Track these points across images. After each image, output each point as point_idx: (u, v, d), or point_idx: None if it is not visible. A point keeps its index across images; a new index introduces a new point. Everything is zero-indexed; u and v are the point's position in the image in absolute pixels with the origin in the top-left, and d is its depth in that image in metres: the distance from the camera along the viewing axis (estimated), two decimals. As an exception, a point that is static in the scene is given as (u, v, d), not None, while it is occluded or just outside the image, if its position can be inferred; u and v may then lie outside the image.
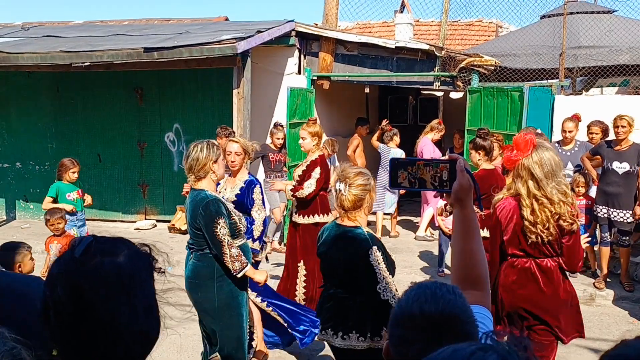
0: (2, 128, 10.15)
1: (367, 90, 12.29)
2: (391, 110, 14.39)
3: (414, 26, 11.69)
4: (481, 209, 3.32)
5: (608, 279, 6.53)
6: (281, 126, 7.97)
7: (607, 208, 6.32)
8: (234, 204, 4.54)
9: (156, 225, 9.68)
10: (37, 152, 10.05)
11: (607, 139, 6.57)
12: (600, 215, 6.37)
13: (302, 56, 9.03)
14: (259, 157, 7.89)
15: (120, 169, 9.69)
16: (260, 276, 3.94)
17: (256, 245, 4.77)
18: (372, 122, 12.53)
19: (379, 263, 3.04)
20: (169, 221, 9.31)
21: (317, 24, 9.97)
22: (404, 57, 8.85)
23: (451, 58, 8.67)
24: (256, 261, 4.70)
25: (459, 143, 9.09)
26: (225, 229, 3.65)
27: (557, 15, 9.87)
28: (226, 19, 10.84)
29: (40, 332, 1.10)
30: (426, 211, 8.83)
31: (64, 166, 6.47)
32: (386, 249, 3.18)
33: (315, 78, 9.02)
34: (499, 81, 8.66)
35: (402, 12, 11.50)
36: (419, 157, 8.45)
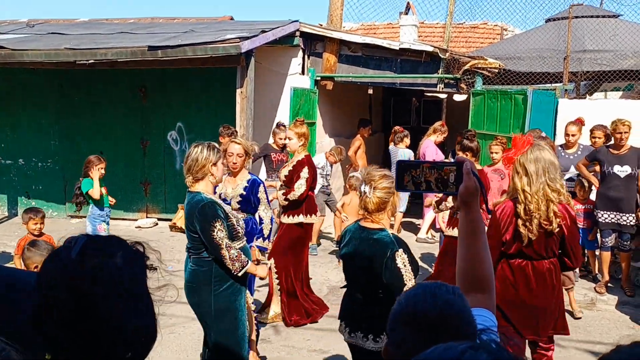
0: (6, 125, 10.16)
1: (370, 92, 12.31)
2: (394, 112, 14.38)
3: (418, 28, 11.67)
4: (489, 211, 3.33)
5: (609, 284, 6.51)
6: (284, 126, 7.96)
7: (610, 212, 6.31)
8: (239, 204, 4.54)
9: (157, 224, 9.68)
10: (40, 149, 10.07)
11: (609, 143, 6.57)
12: (601, 220, 6.35)
13: (306, 56, 9.03)
14: (260, 157, 7.89)
15: (123, 167, 9.69)
16: (262, 271, 3.94)
17: (266, 244, 4.80)
18: (375, 123, 12.54)
19: (404, 265, 3.05)
20: (170, 220, 9.31)
21: (321, 25, 9.97)
22: (408, 59, 8.84)
23: (455, 60, 8.66)
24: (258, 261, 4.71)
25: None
26: (223, 231, 3.60)
27: (562, 19, 9.85)
28: (231, 19, 10.84)
29: (31, 335, 1.09)
30: (428, 213, 8.81)
31: (91, 163, 6.46)
32: (411, 251, 3.18)
33: (319, 78, 9.01)
34: (502, 84, 8.64)
35: (407, 13, 11.48)
36: (421, 159, 8.45)
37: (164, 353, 4.73)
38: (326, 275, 7.15)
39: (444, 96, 12.32)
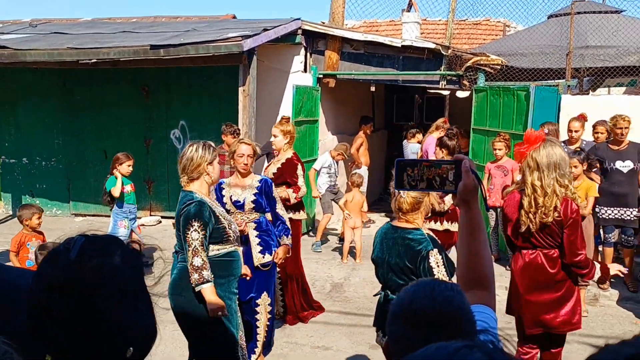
0: (10, 124, 10.20)
1: (373, 89, 12.28)
2: (397, 109, 14.37)
3: (420, 25, 11.66)
4: (487, 209, 3.37)
5: (612, 280, 6.51)
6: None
7: (613, 208, 6.32)
8: (253, 204, 4.41)
9: (161, 222, 9.72)
10: (44, 148, 10.11)
11: (609, 139, 6.57)
12: (604, 217, 6.35)
13: (309, 54, 9.03)
14: (264, 155, 7.90)
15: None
16: (214, 301, 3.41)
17: (290, 241, 4.70)
18: (378, 120, 12.53)
19: (438, 265, 3.05)
20: (173, 217, 9.31)
21: (323, 22, 9.96)
22: (410, 56, 8.83)
23: (457, 57, 8.66)
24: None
25: (464, 143, 9.07)
26: (199, 233, 3.42)
27: (565, 15, 9.83)
28: (233, 17, 10.86)
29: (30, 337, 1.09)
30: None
31: (119, 160, 6.60)
32: (446, 252, 3.17)
33: (321, 76, 9.02)
34: (505, 80, 8.63)
35: (409, 10, 11.47)
36: (424, 156, 8.45)
37: (166, 350, 4.75)
38: (329, 272, 7.16)
39: (446, 93, 12.30)
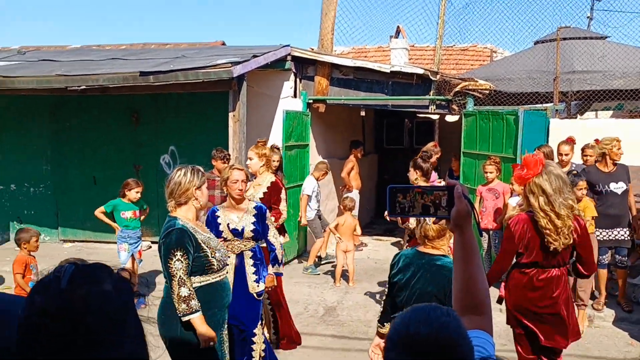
0: (-2, 151, 10.13)
1: (362, 114, 12.36)
2: (387, 133, 14.44)
3: (409, 51, 11.81)
4: (481, 234, 3.38)
5: (606, 300, 6.50)
6: (277, 149, 7.96)
7: (607, 230, 6.33)
8: (252, 232, 4.34)
9: (151, 247, 9.62)
10: (32, 175, 10.03)
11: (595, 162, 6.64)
12: (600, 239, 6.36)
13: (298, 80, 9.08)
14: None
15: (116, 191, 9.64)
16: (205, 332, 3.35)
17: (282, 269, 4.71)
18: (369, 144, 12.58)
19: None
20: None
21: (312, 49, 10.04)
22: (399, 81, 8.90)
23: (446, 82, 8.74)
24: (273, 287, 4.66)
25: (455, 166, 9.11)
26: (182, 262, 3.32)
27: (551, 41, 9.99)
28: (223, 44, 10.91)
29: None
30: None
31: (128, 185, 6.81)
32: None
33: (311, 101, 9.06)
34: (494, 105, 8.71)
35: (397, 37, 11.63)
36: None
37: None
38: (322, 296, 7.10)
39: (436, 117, 12.40)
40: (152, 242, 9.65)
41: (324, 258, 8.65)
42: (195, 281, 3.44)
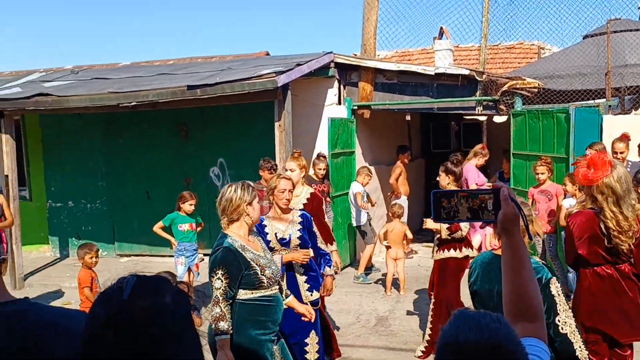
0: (55, 169, 10.50)
1: (408, 118, 12.27)
2: (433, 137, 14.29)
3: (453, 52, 11.64)
4: (530, 237, 3.31)
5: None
6: (324, 157, 7.99)
7: None
8: (299, 240, 4.36)
9: (203, 259, 9.76)
10: (89, 191, 10.35)
11: None
12: None
13: (342, 86, 9.09)
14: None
15: (167, 205, 9.86)
16: (222, 356, 3.29)
17: (332, 272, 4.74)
18: (415, 149, 12.47)
19: (559, 294, 2.99)
20: (215, 255, 9.38)
21: (355, 54, 10.04)
22: (444, 83, 8.80)
23: (492, 82, 8.58)
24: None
25: (506, 167, 8.94)
26: (222, 282, 3.35)
27: (600, 35, 9.70)
28: (267, 54, 11.04)
29: None
30: (474, 238, 8.64)
31: (183, 198, 6.95)
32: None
33: (356, 108, 9.05)
34: (543, 103, 8.50)
35: (440, 38, 11.47)
36: (462, 183, 8.33)
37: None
38: (373, 306, 7.06)
39: (483, 118, 12.20)
40: (205, 255, 9.82)
41: (372, 267, 8.62)
42: (246, 294, 3.47)
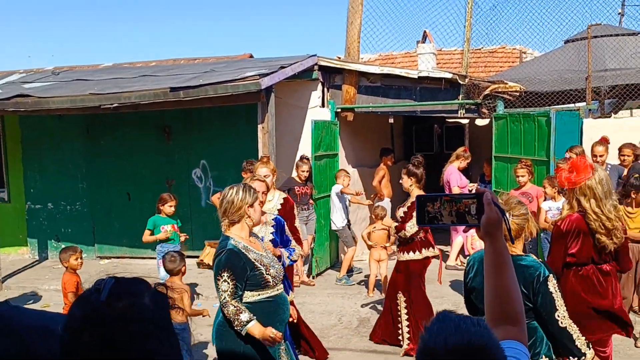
0: (35, 170, 10.38)
1: (391, 121, 12.31)
2: (416, 140, 14.36)
3: (436, 55, 11.72)
4: (512, 241, 3.36)
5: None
6: (307, 159, 8.00)
7: None
8: (271, 243, 4.34)
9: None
10: (68, 193, 10.24)
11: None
12: None
13: (326, 89, 9.10)
14: (285, 191, 7.89)
15: (149, 206, 9.79)
16: (264, 336, 3.37)
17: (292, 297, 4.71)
18: (398, 151, 12.51)
19: (556, 290, 3.09)
20: (197, 257, 9.30)
21: (339, 57, 10.06)
22: (427, 87, 8.85)
23: (475, 85, 8.65)
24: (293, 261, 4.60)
25: (488, 171, 9.00)
26: (228, 284, 3.35)
27: (582, 40, 9.80)
28: (250, 56, 11.02)
29: None
30: (456, 239, 8.70)
31: (162, 200, 6.90)
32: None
33: (339, 110, 9.06)
34: (524, 107, 8.58)
35: (424, 42, 11.56)
36: (445, 185, 8.38)
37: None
38: (356, 307, 7.06)
39: (465, 121, 12.29)
40: (187, 257, 9.74)
41: (354, 269, 8.63)
42: (252, 295, 3.46)
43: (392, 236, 5.95)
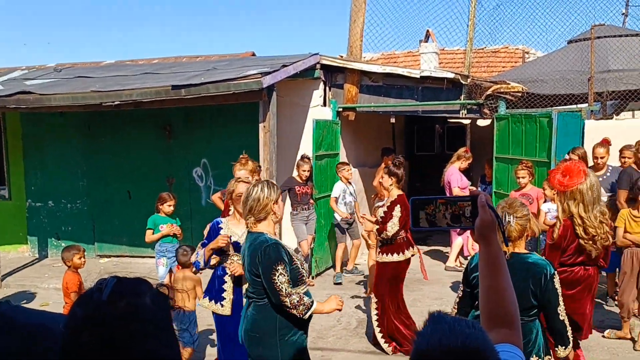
0: (36, 168, 10.38)
1: (393, 120, 12.29)
2: (418, 140, 14.34)
3: (439, 55, 11.69)
4: (507, 244, 3.39)
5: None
6: (308, 159, 7.98)
7: None
8: None
9: (186, 260, 9.71)
10: (69, 191, 10.24)
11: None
12: None
13: (328, 88, 9.08)
14: (285, 190, 7.88)
15: (150, 205, 9.78)
16: (331, 306, 3.53)
17: None
18: (399, 151, 12.50)
19: (559, 287, 3.28)
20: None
21: (342, 56, 10.04)
22: (429, 86, 8.83)
23: (477, 86, 8.62)
24: None
25: (489, 172, 8.98)
26: (285, 276, 3.34)
27: (584, 40, 9.78)
28: (253, 54, 10.99)
29: None
30: (455, 241, 8.69)
31: (162, 199, 6.85)
32: None
33: (341, 110, 9.05)
34: (526, 107, 8.56)
35: (426, 41, 11.52)
36: (446, 186, 8.36)
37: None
38: (354, 308, 7.05)
39: (467, 122, 12.26)
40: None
41: (354, 270, 8.61)
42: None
43: (375, 238, 5.94)
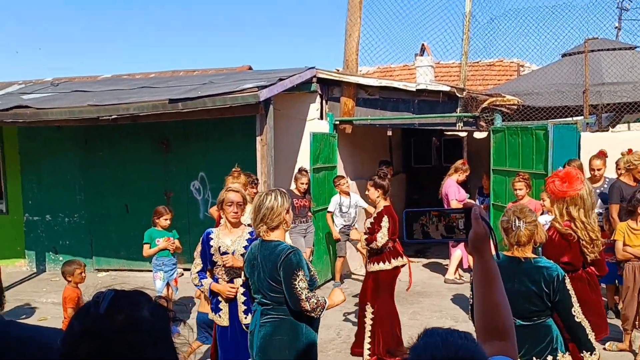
0: (33, 182, 10.37)
1: (389, 133, 12.34)
2: (415, 152, 14.38)
3: (434, 68, 11.77)
4: (499, 256, 3.38)
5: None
6: (305, 171, 8.00)
7: None
8: (242, 257, 4.20)
9: (183, 274, 9.66)
10: (67, 205, 10.22)
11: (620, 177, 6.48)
12: None
13: (324, 101, 9.12)
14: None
15: (147, 219, 9.76)
16: (339, 298, 3.65)
17: None
18: (396, 164, 12.53)
19: (571, 289, 3.34)
20: (195, 269, 9.30)
21: (338, 70, 10.10)
22: (425, 99, 8.88)
23: (473, 98, 8.68)
24: None
25: (486, 184, 9.01)
26: (305, 282, 3.38)
27: (579, 53, 9.87)
28: (249, 68, 11.04)
29: None
30: (454, 253, 8.69)
31: (158, 213, 6.87)
32: None
33: (338, 122, 9.08)
34: (522, 120, 8.60)
35: (422, 55, 11.60)
36: (443, 198, 8.38)
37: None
38: (354, 321, 7.02)
39: (464, 134, 12.31)
40: (184, 269, 9.72)
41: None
42: None
43: (363, 248, 6.01)
